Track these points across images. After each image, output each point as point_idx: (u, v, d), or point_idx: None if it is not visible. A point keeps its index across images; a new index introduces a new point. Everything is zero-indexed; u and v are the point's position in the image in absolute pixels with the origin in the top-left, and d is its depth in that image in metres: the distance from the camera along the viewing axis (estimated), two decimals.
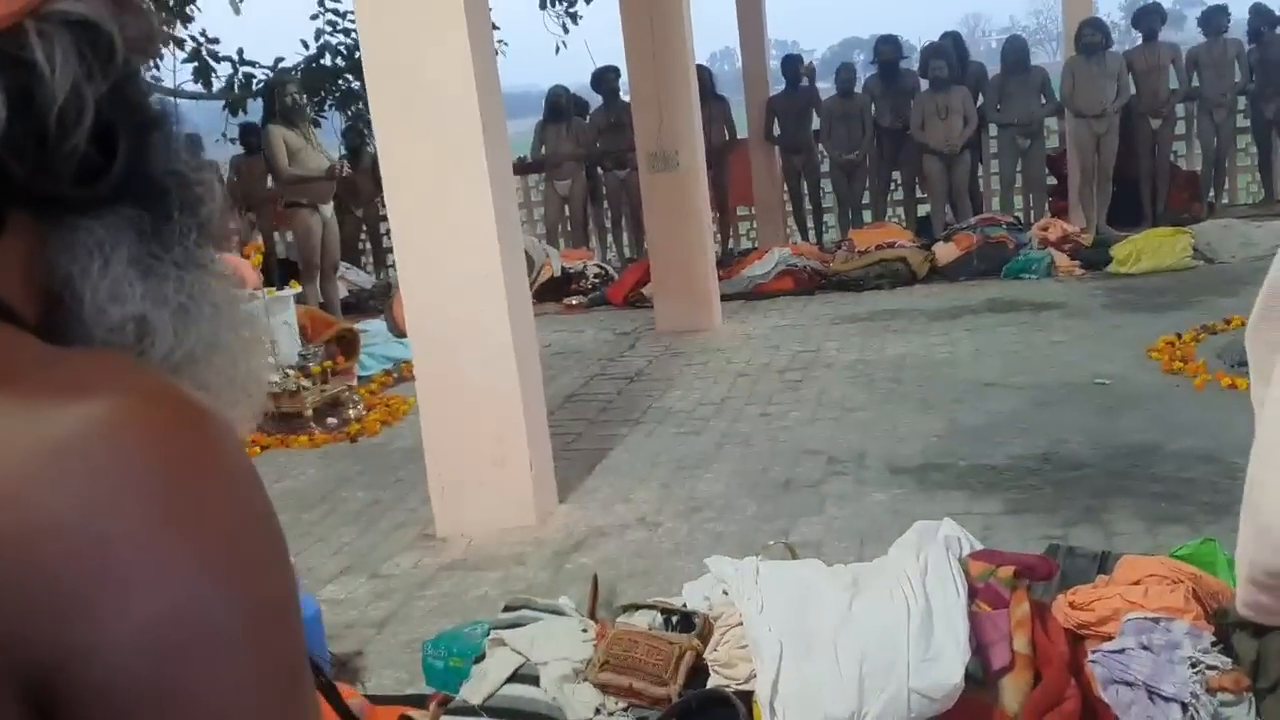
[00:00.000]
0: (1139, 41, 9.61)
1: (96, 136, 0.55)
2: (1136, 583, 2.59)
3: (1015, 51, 9.61)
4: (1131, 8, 10.44)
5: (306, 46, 11.31)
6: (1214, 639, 2.48)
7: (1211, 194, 9.92)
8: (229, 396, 0.63)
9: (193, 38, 10.77)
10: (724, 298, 8.01)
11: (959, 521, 3.27)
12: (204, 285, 0.61)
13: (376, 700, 2.98)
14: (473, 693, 2.72)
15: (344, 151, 10.19)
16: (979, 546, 2.81)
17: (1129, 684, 2.41)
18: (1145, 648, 2.46)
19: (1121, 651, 2.46)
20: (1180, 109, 9.92)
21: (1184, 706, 2.32)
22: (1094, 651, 2.51)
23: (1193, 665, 2.40)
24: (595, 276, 9.43)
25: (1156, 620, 2.48)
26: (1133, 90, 9.36)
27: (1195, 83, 9.56)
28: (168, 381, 0.54)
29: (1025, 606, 2.50)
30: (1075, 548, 3.16)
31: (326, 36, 11.26)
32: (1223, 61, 9.43)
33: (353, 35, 8.77)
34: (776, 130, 10.57)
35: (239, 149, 10.77)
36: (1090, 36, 9.10)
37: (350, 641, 3.45)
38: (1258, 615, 0.90)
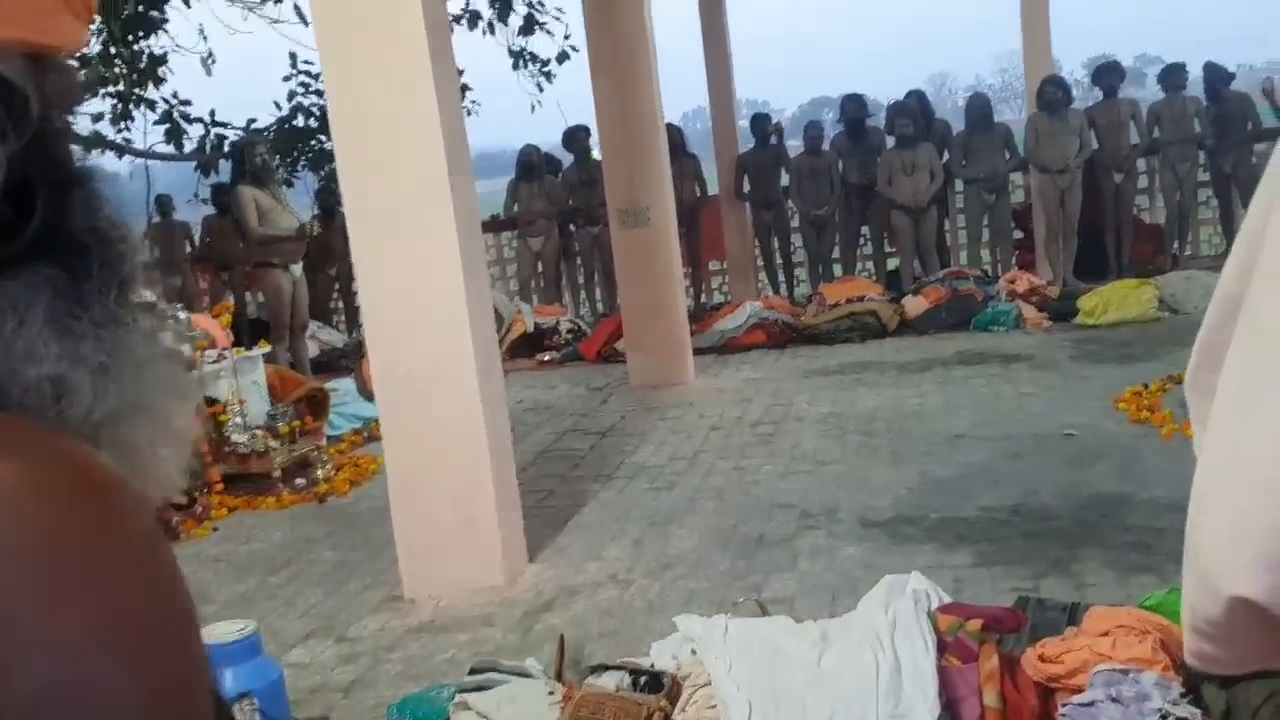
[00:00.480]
0: (1100, 98, 9.80)
1: (12, 195, 0.55)
2: (1105, 634, 2.58)
3: (978, 108, 9.77)
4: (1094, 65, 10.62)
5: (279, 107, 11.37)
6: (1183, 690, 2.47)
7: (1175, 246, 10.06)
8: (153, 456, 0.61)
9: (165, 99, 10.81)
10: (696, 351, 8.02)
11: (930, 574, 3.27)
12: (126, 343, 0.59)
13: None
14: None
15: (317, 211, 10.21)
16: (947, 600, 2.79)
17: None
18: (1114, 699, 2.44)
19: (1091, 704, 2.45)
20: (1142, 163, 10.08)
21: None
22: (1064, 705, 2.49)
23: (1162, 717, 2.39)
24: (568, 332, 9.44)
25: (1125, 672, 2.47)
26: (1095, 145, 9.51)
27: (1156, 136, 9.73)
28: (70, 446, 0.53)
29: (994, 660, 2.48)
30: (1045, 599, 3.15)
31: (299, 98, 11.33)
32: (1183, 117, 9.60)
33: (325, 96, 8.87)
34: (747, 187, 10.68)
35: (211, 209, 10.79)
36: (1051, 93, 9.26)
37: (316, 706, 3.39)
38: (1204, 664, 0.89)
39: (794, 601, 3.72)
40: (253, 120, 11.29)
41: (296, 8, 9.31)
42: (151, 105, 10.75)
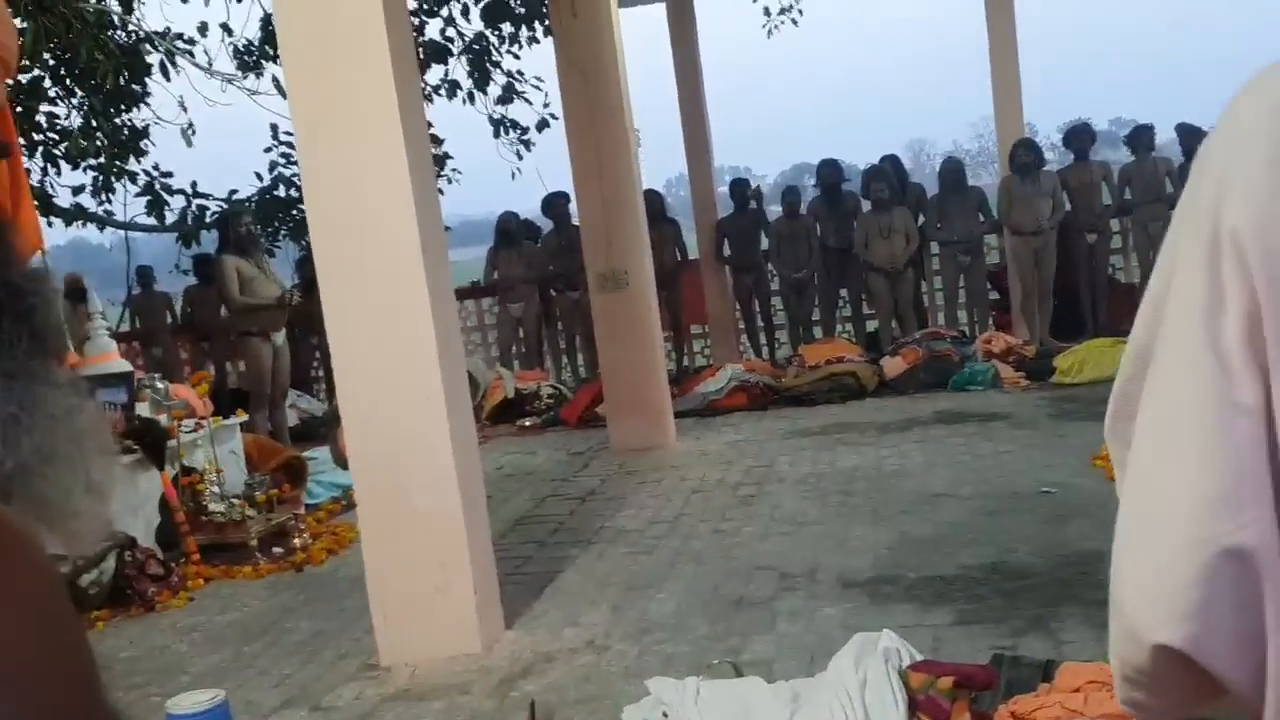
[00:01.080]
0: (1072, 160, 9.95)
1: None
2: (1077, 690, 2.57)
3: (952, 172, 9.92)
4: (1066, 129, 10.83)
5: (260, 178, 11.46)
6: None
7: None
8: (67, 508, 0.62)
9: (146, 171, 10.89)
10: (678, 414, 8.03)
11: (909, 634, 3.26)
12: (38, 395, 0.60)
13: None
14: None
15: (297, 280, 10.25)
16: (919, 657, 2.78)
17: None
18: None
19: None
20: (1115, 224, 10.21)
21: None
22: None
23: None
24: (549, 397, 9.44)
25: None
26: (1067, 207, 9.65)
27: (1128, 197, 9.87)
28: None
29: (966, 718, 2.47)
30: (1020, 656, 3.14)
31: (281, 168, 11.42)
32: (1153, 177, 9.76)
33: (299, 167, 8.95)
34: (727, 251, 10.79)
35: (192, 280, 10.83)
36: (1024, 157, 9.42)
37: None
38: (1136, 711, 0.90)
39: (773, 664, 3.69)
40: (234, 191, 11.37)
41: (275, 80, 9.43)
42: (133, 177, 10.82)
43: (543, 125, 11.18)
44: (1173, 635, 0.80)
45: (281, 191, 11.35)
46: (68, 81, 9.74)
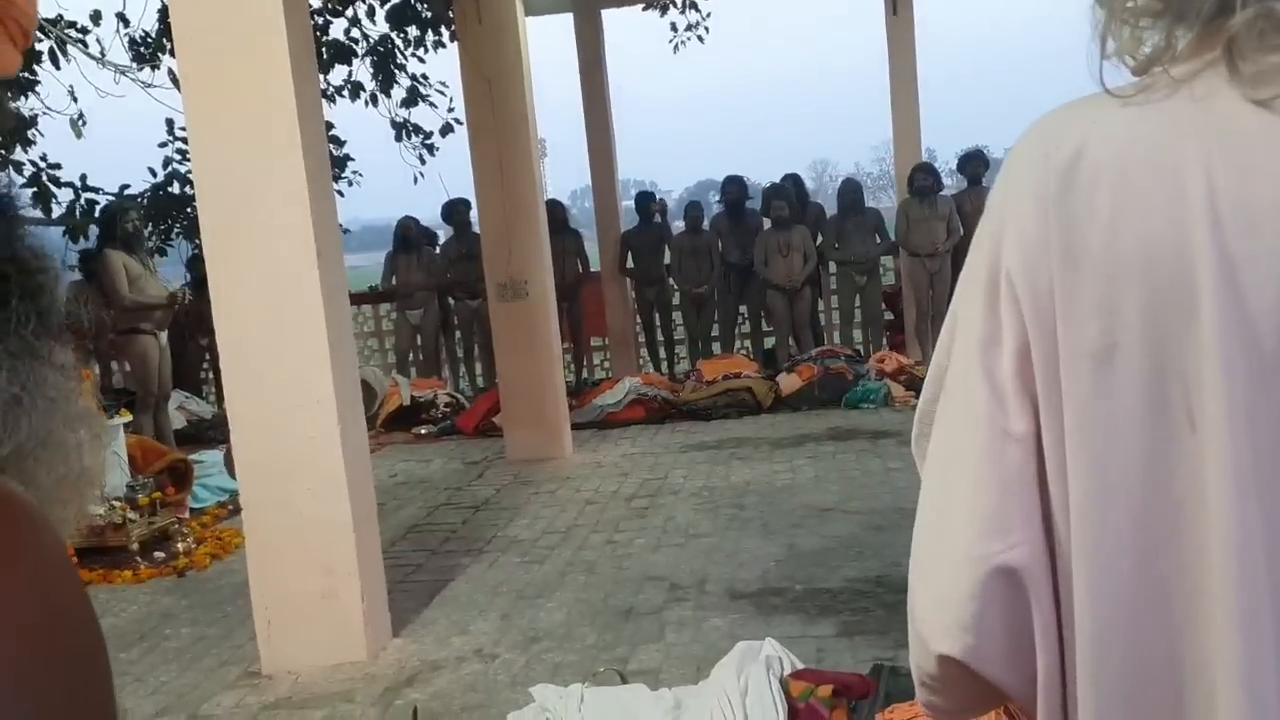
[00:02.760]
0: (967, 185, 10.24)
1: None
2: None
3: (850, 194, 10.11)
4: (962, 155, 11.12)
5: (154, 174, 11.15)
6: None
7: None
8: (59, 495, 0.59)
9: (33, 162, 10.51)
10: (576, 426, 8.04)
11: (794, 644, 3.32)
12: (40, 377, 0.57)
13: None
14: None
15: (188, 279, 10.00)
16: (800, 666, 2.83)
17: None
18: None
19: None
20: None
21: None
22: None
23: None
24: (446, 405, 9.37)
25: None
26: (962, 232, 9.91)
27: None
28: None
29: None
30: (899, 667, 3.21)
31: (175, 165, 11.13)
32: None
33: (193, 165, 8.75)
34: (630, 264, 10.83)
35: (77, 276, 10.48)
36: (921, 180, 9.65)
37: None
38: (933, 713, 0.95)
39: (659, 673, 3.72)
40: (126, 186, 11.03)
41: (171, 73, 9.19)
42: (19, 168, 10.44)
43: (446, 130, 11.08)
44: (952, 646, 0.85)
45: (176, 188, 11.05)
46: None
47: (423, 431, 8.97)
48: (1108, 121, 0.81)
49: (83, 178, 10.85)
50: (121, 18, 9.58)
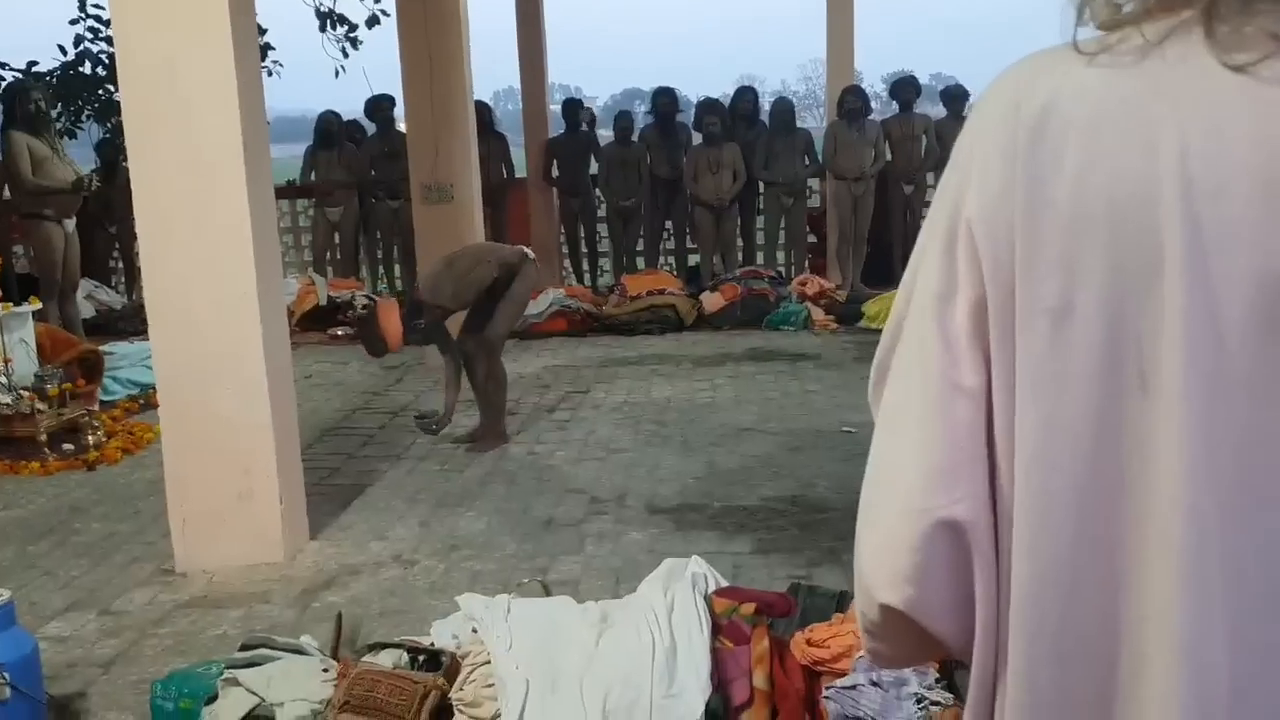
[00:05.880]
0: (896, 111, 10.25)
1: None
2: None
3: (781, 114, 10.05)
4: (892, 79, 11.11)
5: (64, 52, 10.65)
6: (938, 676, 2.63)
7: None
8: None
9: None
10: None
11: (711, 560, 3.37)
12: None
13: None
14: None
15: (97, 164, 9.62)
16: (725, 584, 2.89)
17: (859, 719, 2.53)
18: (875, 684, 2.58)
19: (853, 687, 2.58)
20: (930, 177, 10.59)
21: None
22: (828, 688, 2.61)
23: (918, 701, 2.54)
24: (363, 307, 9.20)
25: None
26: (889, 157, 9.95)
27: (939, 153, 10.23)
28: None
29: (765, 643, 2.58)
30: (816, 586, 3.29)
31: (87, 43, 10.63)
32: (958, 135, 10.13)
33: (115, 44, 8.38)
34: (555, 172, 10.67)
35: None
36: (851, 103, 9.63)
37: (73, 682, 3.22)
38: (874, 660, 0.98)
39: (579, 584, 3.77)
40: (34, 63, 10.53)
41: None
42: None
43: (373, 22, 10.74)
44: (893, 596, 0.86)
45: (88, 68, 10.58)
46: None
47: (339, 333, 8.83)
48: (1080, 76, 0.80)
49: None
50: None
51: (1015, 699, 0.84)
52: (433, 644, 2.84)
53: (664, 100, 10.37)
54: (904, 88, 10.27)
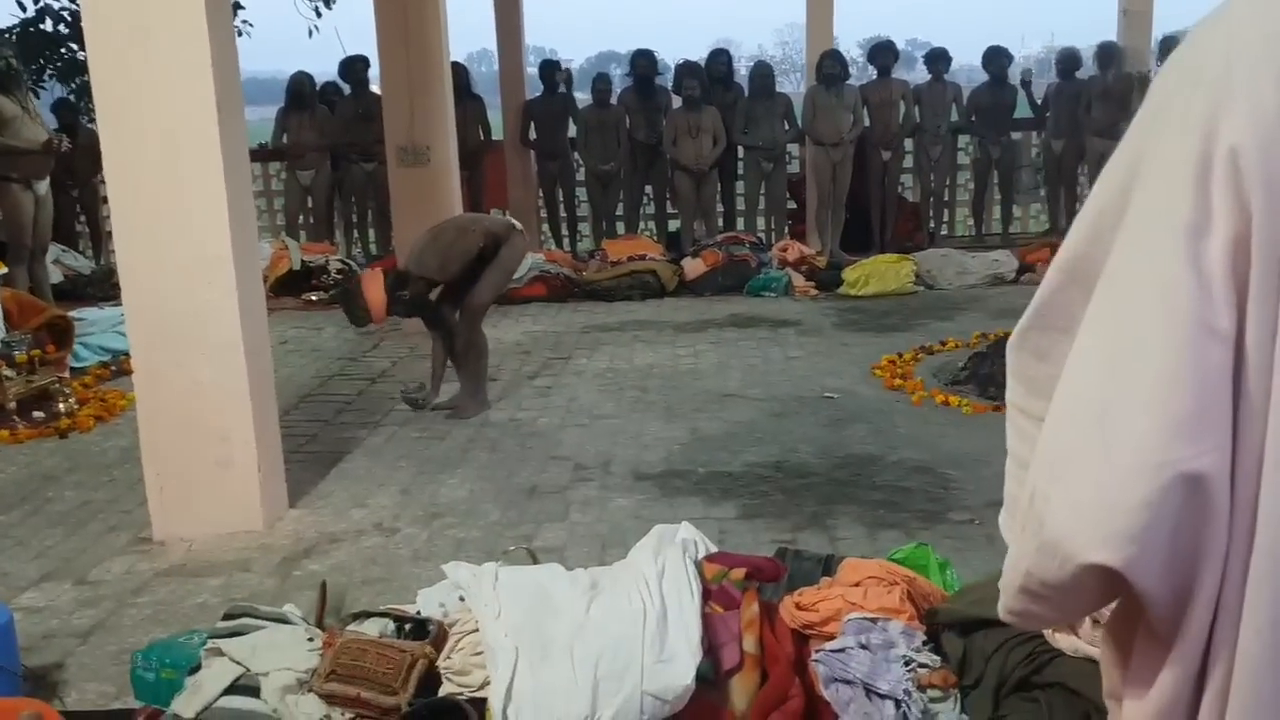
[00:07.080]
0: (874, 76, 10.19)
1: None
2: (857, 584, 2.70)
3: (761, 78, 9.96)
4: (869, 45, 11.03)
5: (24, 9, 10.42)
6: (925, 638, 2.62)
7: (933, 224, 10.62)
8: None
9: None
10: None
11: (697, 526, 3.34)
12: None
13: (75, 717, 2.74)
14: (185, 706, 2.54)
15: (57, 126, 9.43)
16: (714, 549, 2.86)
17: (848, 682, 2.52)
18: (864, 647, 2.57)
19: (842, 651, 2.56)
20: (909, 143, 10.55)
21: (897, 703, 2.44)
22: (817, 651, 2.60)
23: (906, 663, 2.53)
24: (338, 272, 9.11)
25: (874, 620, 2.60)
26: (867, 122, 9.90)
27: (918, 119, 10.19)
28: None
29: (755, 608, 2.56)
30: (802, 551, 3.27)
31: (48, 0, 10.41)
32: (940, 101, 10.11)
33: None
34: (533, 135, 10.55)
35: None
36: (830, 68, 9.56)
37: (50, 653, 3.16)
38: (1023, 622, 0.91)
39: (564, 551, 3.74)
40: None
41: None
42: None
43: None
44: (1111, 556, 0.79)
45: (48, 25, 10.35)
46: None
47: (314, 298, 8.74)
48: None
49: None
50: None
51: (1253, 652, 0.79)
52: (419, 612, 2.80)
53: (642, 62, 10.23)
54: (882, 53, 10.21)
